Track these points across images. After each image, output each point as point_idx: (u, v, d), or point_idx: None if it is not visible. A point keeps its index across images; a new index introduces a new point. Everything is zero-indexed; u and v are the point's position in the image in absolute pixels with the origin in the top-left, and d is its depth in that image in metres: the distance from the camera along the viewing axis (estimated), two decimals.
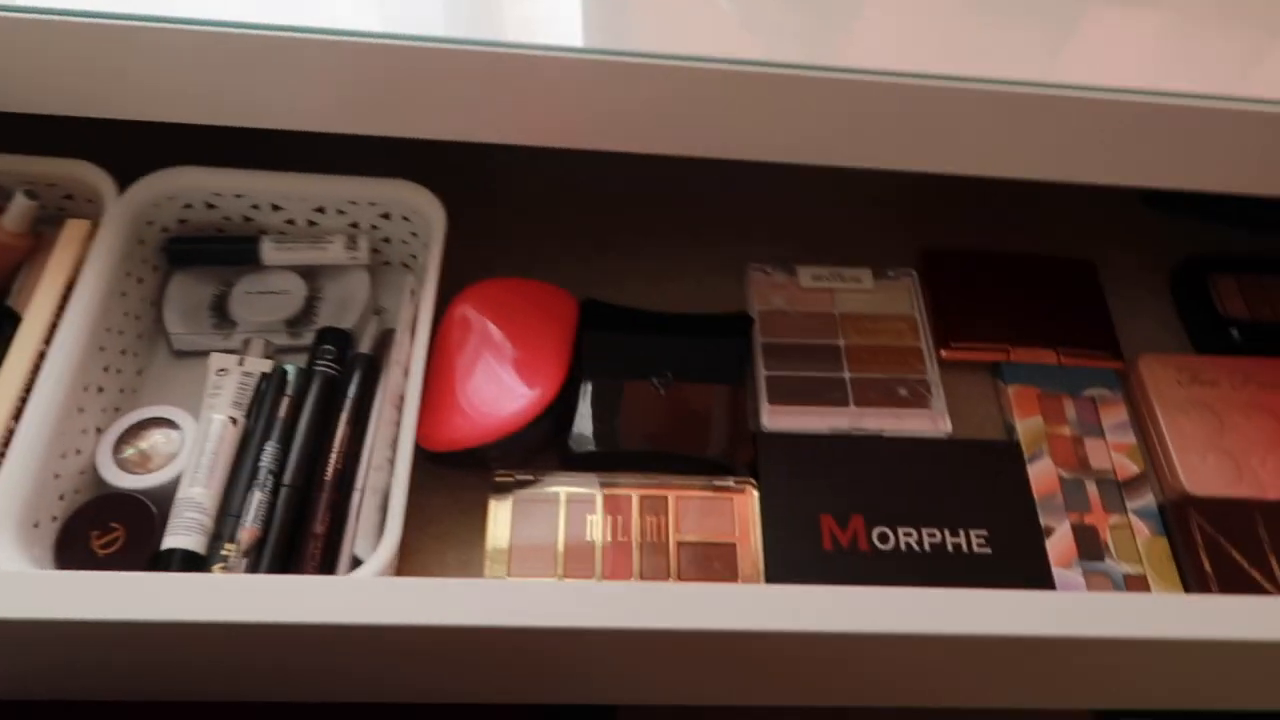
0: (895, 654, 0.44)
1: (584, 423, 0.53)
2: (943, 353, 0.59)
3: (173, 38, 0.43)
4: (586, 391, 0.54)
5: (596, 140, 0.47)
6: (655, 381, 0.55)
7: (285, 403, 0.51)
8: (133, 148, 0.55)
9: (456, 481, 0.53)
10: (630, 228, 0.65)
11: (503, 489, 0.52)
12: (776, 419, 0.56)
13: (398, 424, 0.49)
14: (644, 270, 0.63)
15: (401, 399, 0.49)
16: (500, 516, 0.51)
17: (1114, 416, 0.57)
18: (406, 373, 0.50)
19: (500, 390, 0.51)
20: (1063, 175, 0.48)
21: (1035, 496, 0.53)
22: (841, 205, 0.68)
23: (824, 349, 0.59)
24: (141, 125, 0.47)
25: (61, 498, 0.47)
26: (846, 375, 0.58)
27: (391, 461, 0.48)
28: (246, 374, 0.52)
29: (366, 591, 0.39)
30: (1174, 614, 0.42)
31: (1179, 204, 0.69)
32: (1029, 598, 0.42)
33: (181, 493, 0.48)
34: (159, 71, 0.44)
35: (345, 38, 0.43)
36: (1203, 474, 0.54)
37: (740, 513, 0.52)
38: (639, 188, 0.67)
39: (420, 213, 0.56)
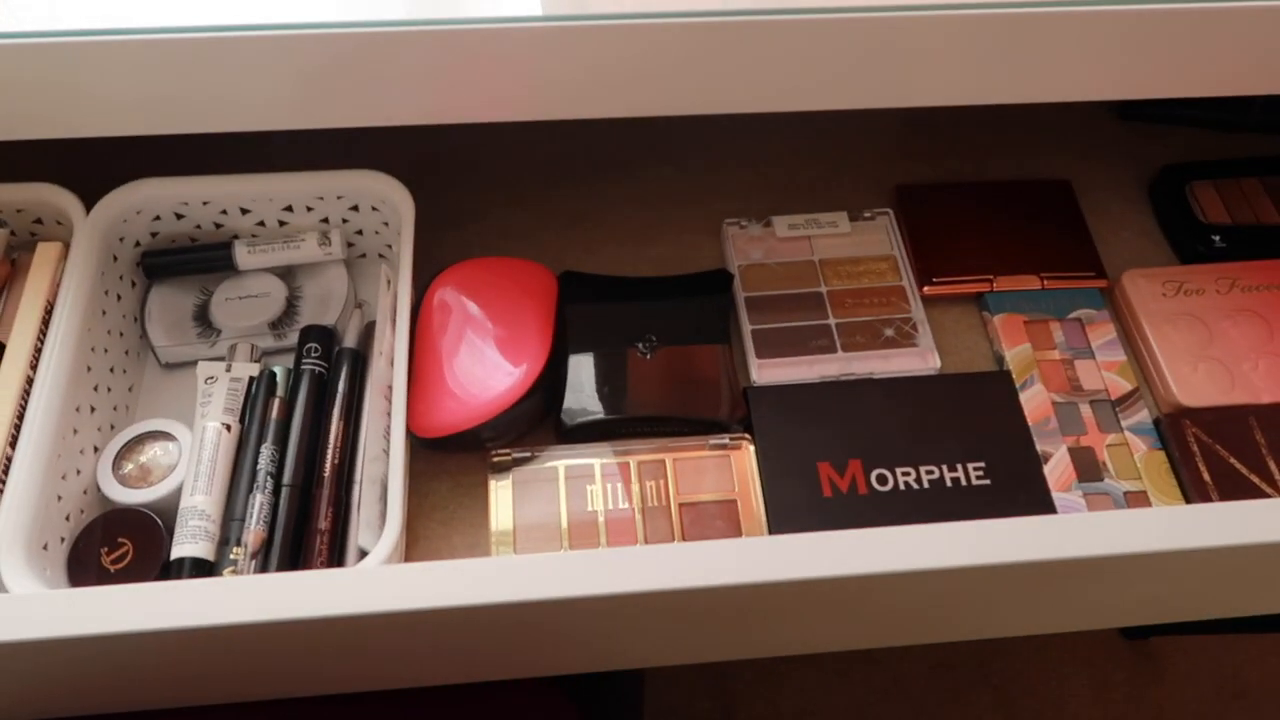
0: (908, 592, 0.44)
1: (574, 395, 0.53)
2: (925, 289, 0.59)
3: (117, 50, 0.42)
4: (573, 363, 0.54)
5: (557, 110, 0.47)
6: (640, 347, 0.55)
7: (276, 404, 0.52)
8: (98, 167, 0.55)
9: (456, 465, 0.53)
10: (601, 195, 0.65)
11: (501, 468, 0.52)
12: (766, 372, 0.56)
13: (389, 414, 0.49)
14: (620, 237, 0.63)
15: (389, 388, 0.50)
16: (501, 496, 0.51)
17: (1102, 335, 0.57)
18: (391, 362, 0.50)
19: (487, 370, 0.51)
20: (1037, 96, 0.48)
21: (1030, 423, 0.54)
22: (812, 151, 0.67)
23: (807, 297, 0.59)
24: (104, 143, 0.47)
25: (67, 518, 0.48)
26: (831, 321, 0.58)
27: (387, 451, 0.48)
28: (235, 380, 0.52)
29: (376, 580, 0.40)
30: (1177, 525, 0.42)
31: (1153, 112, 0.69)
32: (1031, 524, 0.42)
33: (184, 502, 0.48)
34: (109, 86, 0.44)
35: (294, 31, 0.42)
36: (1195, 384, 0.54)
37: (738, 469, 0.52)
38: (604, 155, 0.67)
39: (388, 201, 0.56)
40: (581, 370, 0.54)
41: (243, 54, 0.43)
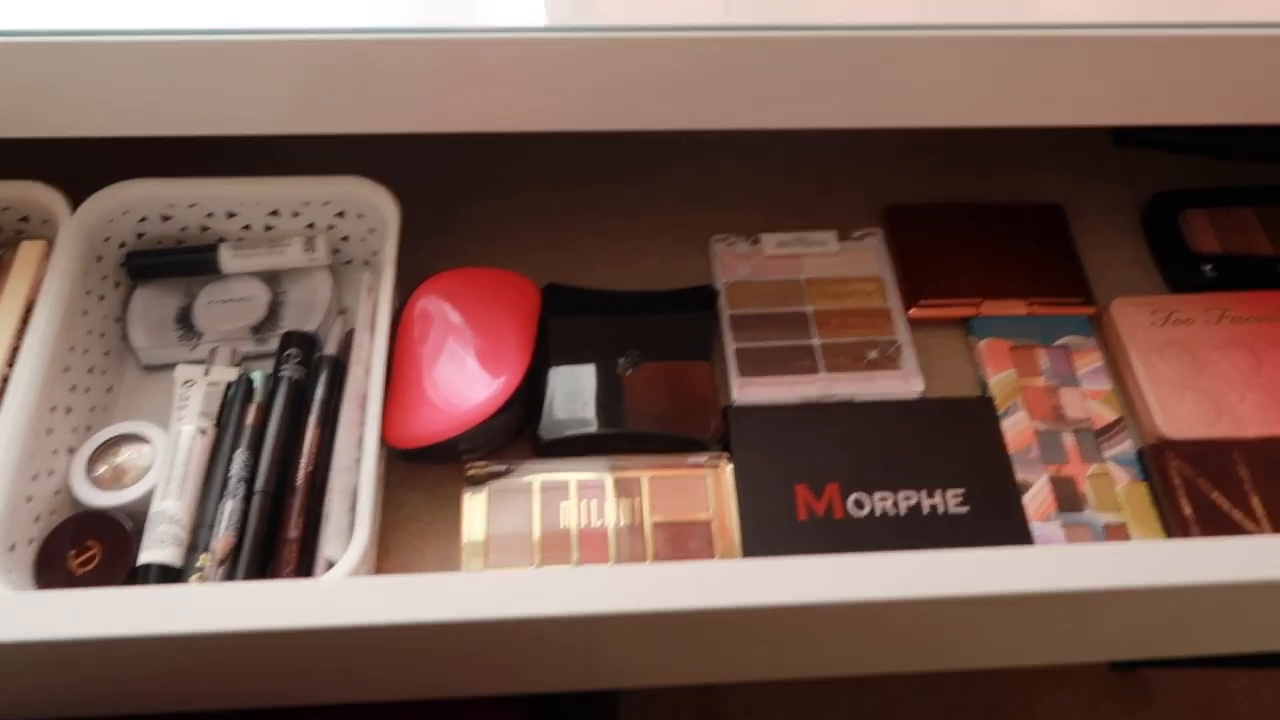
0: (878, 621, 0.44)
1: (553, 409, 0.53)
2: (912, 311, 0.59)
3: (111, 51, 0.42)
4: (553, 377, 0.54)
5: (553, 122, 0.46)
6: (622, 362, 0.54)
7: (253, 410, 0.51)
8: (86, 165, 0.55)
9: (432, 476, 0.53)
10: (591, 206, 0.64)
11: (476, 481, 0.52)
12: (747, 392, 0.55)
13: (363, 424, 0.49)
14: (609, 250, 0.62)
15: (365, 398, 0.49)
16: (475, 509, 0.51)
17: (1088, 364, 0.57)
18: (368, 371, 0.50)
19: (464, 381, 0.51)
20: (1033, 119, 0.48)
21: (1011, 451, 0.53)
22: (804, 167, 0.67)
23: (792, 316, 0.58)
24: (92, 141, 0.47)
25: (37, 519, 0.48)
26: (816, 342, 0.57)
27: (360, 461, 0.48)
28: (213, 384, 0.52)
29: (335, 593, 0.39)
30: (1148, 560, 0.42)
31: (1149, 137, 0.68)
32: (998, 556, 0.41)
33: (155, 506, 0.48)
34: (102, 87, 0.44)
35: (288, 37, 0.42)
36: (1180, 416, 0.54)
37: (715, 489, 0.52)
38: (596, 167, 0.67)
39: (374, 209, 0.55)
40: (561, 384, 0.54)
41: (234, 60, 0.43)
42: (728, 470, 0.52)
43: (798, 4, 0.45)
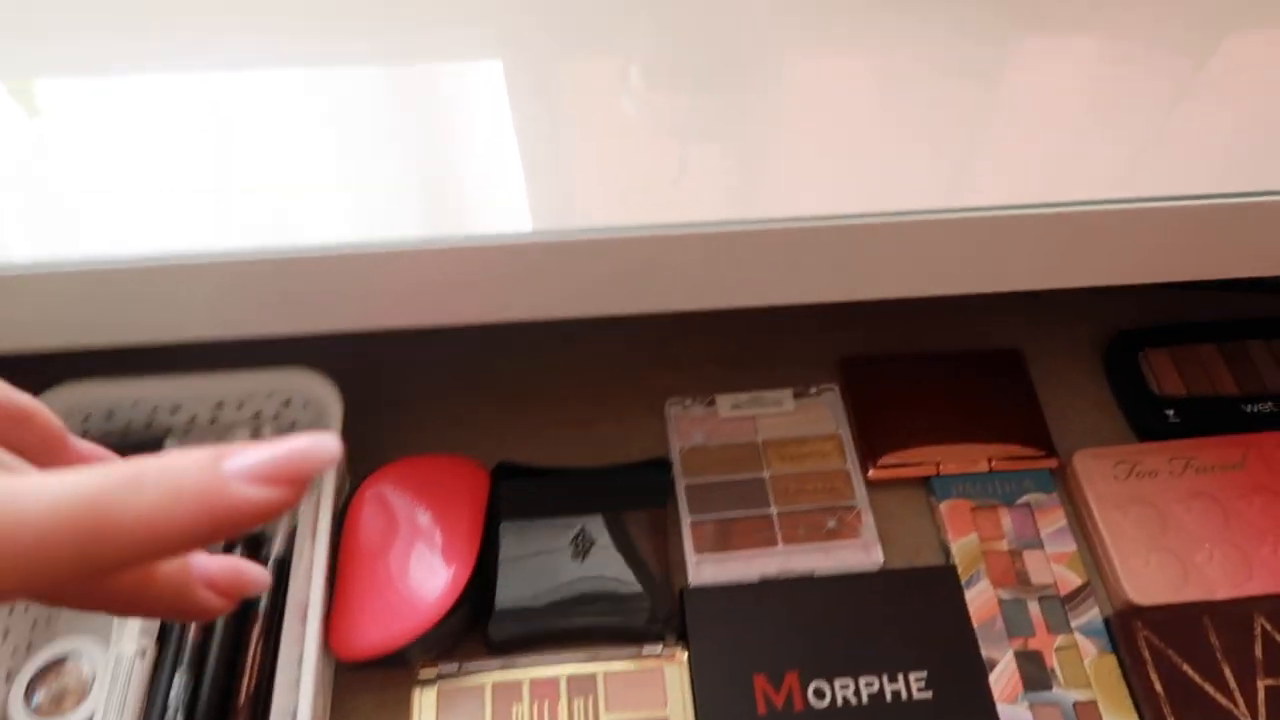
0: None
1: (503, 605, 0.51)
2: (870, 473, 0.58)
3: (51, 282, 0.42)
4: (503, 568, 0.53)
5: (514, 314, 0.46)
6: (572, 548, 0.53)
7: (194, 625, 0.50)
8: (25, 366, 0.54)
9: (381, 678, 0.51)
10: (543, 372, 0.64)
11: (427, 682, 0.50)
12: (704, 570, 0.54)
13: (303, 640, 0.48)
14: (561, 418, 0.61)
15: (305, 609, 0.48)
16: (425, 714, 0.49)
17: (1052, 523, 0.56)
18: (309, 580, 0.49)
19: (412, 585, 0.50)
20: (986, 287, 0.48)
21: (976, 624, 0.51)
22: (758, 319, 0.66)
23: (749, 484, 0.57)
24: None
25: None
26: (773, 510, 0.56)
27: (298, 681, 0.47)
28: None
29: None
30: None
31: None
32: None
33: None
34: (46, 309, 0.43)
35: (228, 259, 0.42)
36: (1146, 579, 0.52)
37: (670, 682, 0.50)
38: (545, 330, 0.66)
39: (318, 399, 0.55)
40: (511, 576, 0.52)
41: (174, 280, 0.42)
42: (684, 660, 0.51)
43: (749, 197, 0.45)
